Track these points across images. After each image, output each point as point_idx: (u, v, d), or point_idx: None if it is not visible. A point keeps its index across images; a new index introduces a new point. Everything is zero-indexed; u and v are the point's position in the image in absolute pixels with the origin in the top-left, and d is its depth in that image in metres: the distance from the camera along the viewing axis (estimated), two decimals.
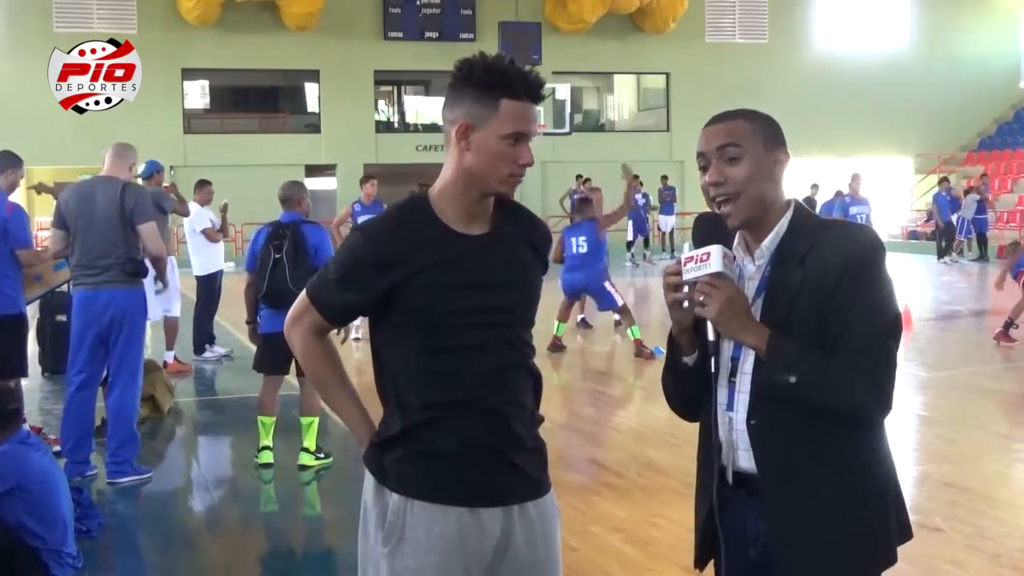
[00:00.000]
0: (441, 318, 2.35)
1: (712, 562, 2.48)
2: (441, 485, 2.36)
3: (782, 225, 2.31)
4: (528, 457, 2.44)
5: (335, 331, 6.93)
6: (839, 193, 18.46)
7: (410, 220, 2.40)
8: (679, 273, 2.26)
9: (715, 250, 2.21)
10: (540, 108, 2.41)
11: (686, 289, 2.25)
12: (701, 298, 2.21)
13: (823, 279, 2.21)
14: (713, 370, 2.29)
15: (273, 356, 6.51)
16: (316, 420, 6.61)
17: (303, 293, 2.50)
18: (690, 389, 2.41)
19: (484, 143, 2.33)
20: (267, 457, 6.65)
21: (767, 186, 2.29)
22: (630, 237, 24.62)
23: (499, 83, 2.32)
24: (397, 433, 2.40)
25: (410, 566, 2.36)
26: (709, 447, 2.39)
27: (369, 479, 2.47)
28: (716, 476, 2.34)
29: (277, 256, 6.44)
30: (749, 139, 2.29)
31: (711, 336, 2.26)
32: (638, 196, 24.89)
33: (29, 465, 4.48)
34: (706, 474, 2.40)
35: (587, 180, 25.00)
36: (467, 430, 2.35)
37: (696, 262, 2.22)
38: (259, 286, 6.50)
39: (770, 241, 2.31)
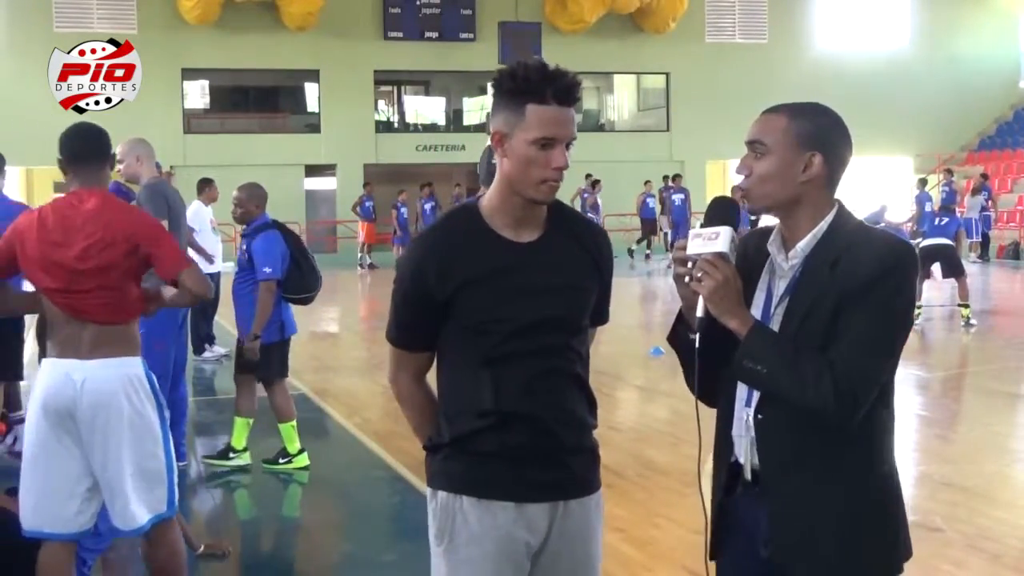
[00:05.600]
0: (490, 326, 2.36)
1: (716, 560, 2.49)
2: (488, 481, 2.40)
3: (821, 228, 2.29)
4: (575, 457, 2.47)
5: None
6: None
7: (459, 229, 2.42)
8: (686, 248, 2.28)
9: (725, 231, 2.23)
10: (574, 110, 2.37)
11: (690, 264, 2.26)
12: (699, 274, 2.23)
13: (851, 286, 2.20)
14: (698, 346, 2.29)
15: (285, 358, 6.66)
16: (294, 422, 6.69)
17: (389, 343, 2.52)
18: (696, 367, 2.39)
19: (515, 149, 2.34)
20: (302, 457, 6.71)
21: (787, 185, 2.28)
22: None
23: (523, 89, 2.32)
24: (447, 441, 2.44)
25: (463, 559, 2.40)
26: (722, 438, 2.40)
27: (428, 492, 2.51)
28: (725, 470, 2.37)
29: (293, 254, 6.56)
30: (780, 137, 2.29)
31: (699, 313, 2.27)
32: (649, 199, 24.90)
33: None
34: (719, 465, 2.43)
35: (595, 180, 24.99)
36: (512, 437, 2.38)
37: (704, 239, 2.25)
38: (298, 286, 6.54)
39: (806, 243, 2.30)
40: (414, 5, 27.33)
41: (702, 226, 2.27)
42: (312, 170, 27.84)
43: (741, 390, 2.34)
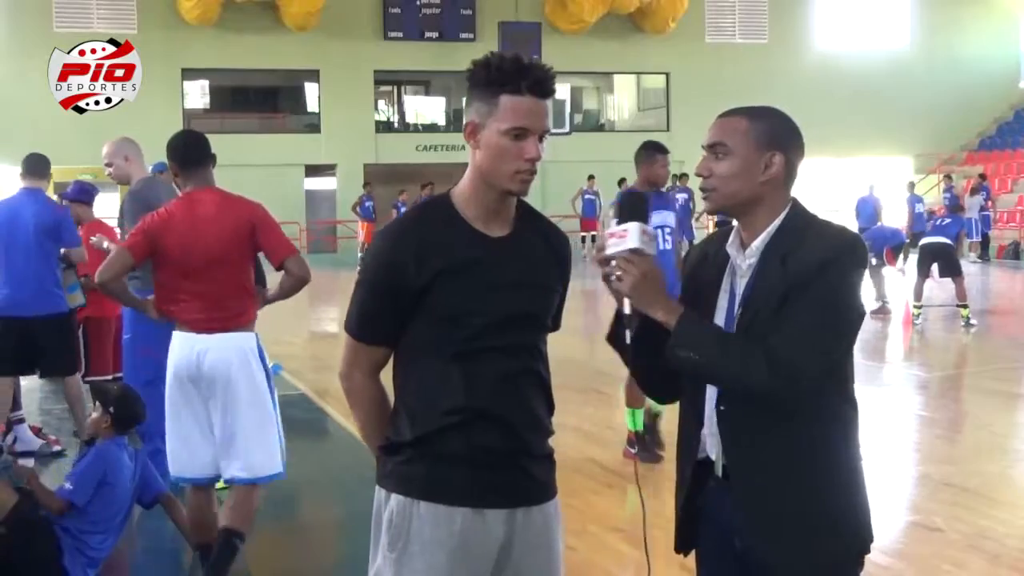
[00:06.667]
0: (464, 318, 2.33)
1: (696, 549, 2.54)
2: (446, 485, 2.35)
3: (775, 225, 2.34)
4: (536, 463, 2.44)
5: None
6: None
7: (432, 220, 2.39)
8: (605, 249, 2.29)
9: (632, 227, 2.26)
10: (548, 103, 2.36)
11: (613, 264, 2.27)
12: (618, 272, 2.25)
13: (797, 275, 2.24)
14: (629, 341, 2.31)
15: None
16: None
17: (345, 334, 2.47)
18: (635, 363, 2.42)
19: (488, 140, 2.33)
20: None
21: (749, 184, 2.33)
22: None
23: (497, 79, 2.31)
24: (408, 440, 2.39)
25: (419, 568, 2.34)
26: (686, 435, 2.44)
27: (376, 491, 2.46)
28: (690, 466, 2.41)
29: None
30: (740, 138, 2.33)
31: (626, 309, 2.30)
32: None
33: (117, 463, 4.73)
34: (683, 462, 2.46)
35: (621, 178, 24.99)
36: (477, 437, 2.35)
37: (616, 238, 2.27)
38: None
39: (761, 240, 2.34)
40: (414, 5, 27.34)
41: (618, 223, 2.29)
42: (312, 170, 27.84)
43: (711, 389, 2.35)
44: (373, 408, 2.48)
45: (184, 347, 4.39)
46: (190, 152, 4.49)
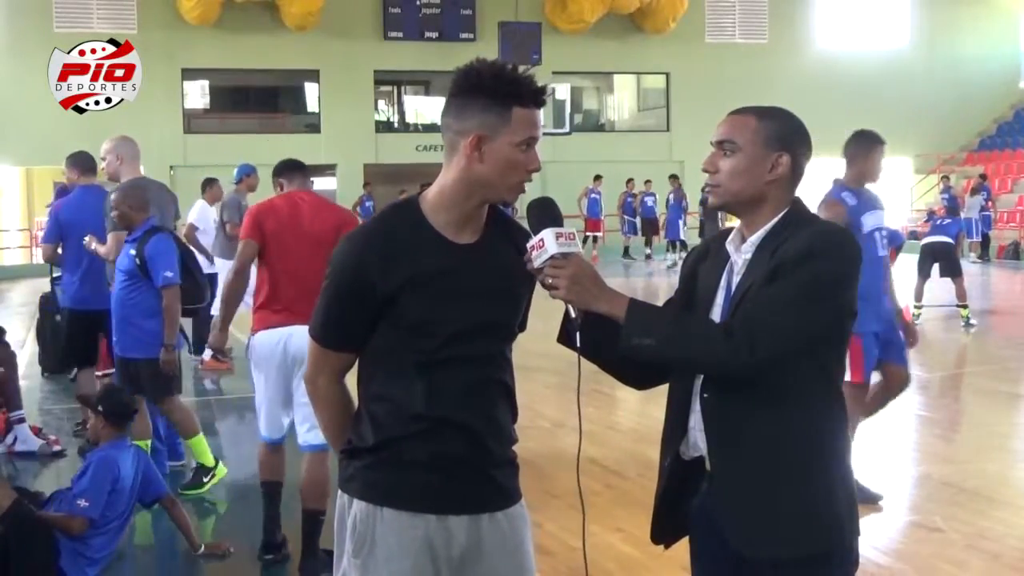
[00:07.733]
0: (431, 328, 2.31)
1: (690, 548, 2.56)
2: (409, 493, 2.35)
3: (773, 222, 2.35)
4: (499, 470, 2.44)
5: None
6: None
7: (399, 226, 2.36)
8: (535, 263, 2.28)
9: (547, 234, 2.25)
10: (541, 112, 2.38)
11: (545, 274, 2.26)
12: (549, 281, 2.24)
13: (782, 266, 2.24)
14: (579, 345, 2.31)
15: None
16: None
17: (310, 338, 2.45)
18: (602, 362, 2.43)
19: (498, 152, 2.29)
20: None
21: (754, 183, 2.34)
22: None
23: (510, 92, 2.29)
24: (370, 446, 2.37)
25: (383, 574, 2.34)
26: (669, 425, 2.48)
27: (339, 495, 2.45)
28: (670, 457, 2.47)
29: None
30: (749, 137, 2.34)
31: (573, 314, 2.29)
32: (648, 198, 25.02)
33: (120, 467, 4.75)
34: (664, 453, 2.52)
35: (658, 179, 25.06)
36: (441, 445, 2.34)
37: (536, 250, 2.26)
38: (191, 295, 6.14)
39: (757, 236, 2.36)
40: (414, 5, 27.31)
41: (534, 233, 2.27)
42: (312, 170, 27.67)
43: (698, 382, 2.36)
44: (337, 412, 2.49)
45: (270, 342, 4.86)
46: (292, 161, 5.34)
